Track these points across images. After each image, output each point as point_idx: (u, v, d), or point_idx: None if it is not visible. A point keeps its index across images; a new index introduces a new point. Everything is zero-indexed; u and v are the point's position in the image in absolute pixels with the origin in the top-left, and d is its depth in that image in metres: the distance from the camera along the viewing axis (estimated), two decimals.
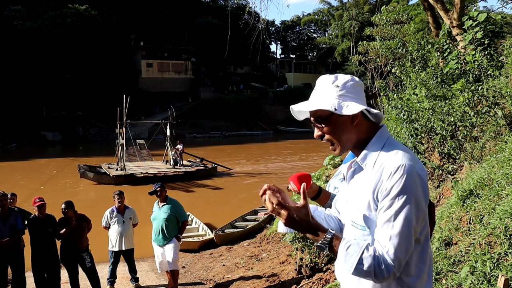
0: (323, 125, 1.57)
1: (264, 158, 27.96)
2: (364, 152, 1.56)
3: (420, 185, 1.44)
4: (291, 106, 1.67)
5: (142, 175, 18.73)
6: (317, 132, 1.60)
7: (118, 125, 20.29)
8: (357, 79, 1.60)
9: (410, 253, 1.44)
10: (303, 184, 1.51)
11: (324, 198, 1.96)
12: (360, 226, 1.52)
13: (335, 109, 1.51)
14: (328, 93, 1.56)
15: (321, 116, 1.56)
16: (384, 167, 1.46)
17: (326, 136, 1.58)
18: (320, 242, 1.46)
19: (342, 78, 1.58)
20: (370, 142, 1.57)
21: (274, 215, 1.50)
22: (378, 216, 1.46)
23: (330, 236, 1.45)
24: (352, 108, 1.52)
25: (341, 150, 1.60)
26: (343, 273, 1.61)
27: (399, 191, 1.41)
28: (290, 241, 5.88)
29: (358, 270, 1.39)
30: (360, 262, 1.39)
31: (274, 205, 1.47)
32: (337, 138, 1.57)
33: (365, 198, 1.50)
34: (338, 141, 1.57)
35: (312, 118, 1.61)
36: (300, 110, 1.67)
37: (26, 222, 6.17)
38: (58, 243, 6.16)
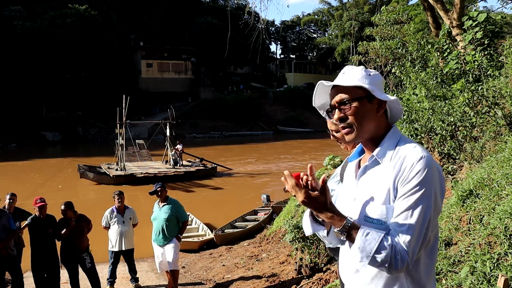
0: (350, 107, 1.56)
1: (266, 158, 27.96)
2: (380, 146, 1.58)
3: (438, 179, 1.45)
4: (322, 81, 1.66)
5: (143, 175, 18.73)
6: (338, 115, 1.59)
7: (118, 125, 20.29)
8: None
9: (421, 247, 1.44)
10: (324, 175, 1.51)
11: None
12: (375, 220, 1.50)
13: (372, 90, 1.54)
14: (362, 77, 1.58)
15: (350, 98, 1.56)
16: (405, 158, 1.48)
17: (350, 119, 1.57)
18: (338, 229, 1.47)
19: (372, 70, 1.63)
20: (385, 137, 1.58)
21: (293, 193, 1.50)
22: (396, 204, 1.46)
23: (349, 224, 1.45)
24: (384, 95, 1.57)
25: (356, 137, 1.58)
26: (351, 272, 1.60)
27: (421, 181, 1.42)
28: (290, 241, 5.87)
29: (375, 259, 1.39)
30: (378, 250, 1.39)
31: (292, 186, 1.48)
32: (359, 123, 1.57)
33: (383, 191, 1.50)
34: (359, 126, 1.57)
35: (336, 100, 1.59)
36: (322, 92, 1.68)
37: (26, 222, 6.16)
38: (58, 243, 6.15)
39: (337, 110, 1.59)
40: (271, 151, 32.12)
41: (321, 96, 1.71)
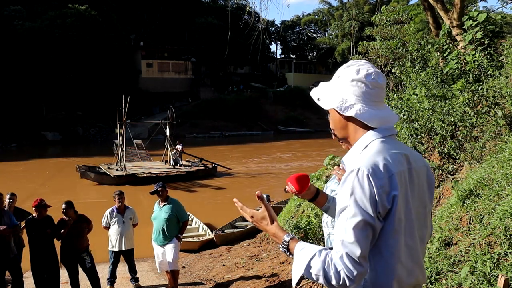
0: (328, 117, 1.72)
1: (266, 158, 27.95)
2: (349, 152, 1.55)
3: (369, 194, 1.35)
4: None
5: (144, 175, 18.72)
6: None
7: (118, 125, 20.27)
8: None
9: (363, 259, 1.33)
10: (258, 191, 1.61)
11: (321, 200, 1.97)
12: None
13: (318, 99, 1.67)
14: (316, 89, 1.70)
15: (326, 111, 1.71)
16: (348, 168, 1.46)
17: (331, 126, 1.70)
18: (280, 245, 1.50)
19: (344, 71, 1.65)
20: (355, 143, 1.53)
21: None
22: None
23: (287, 240, 1.48)
24: (331, 102, 1.60)
25: (340, 141, 1.67)
26: None
27: (347, 197, 1.37)
28: None
29: (309, 274, 1.37)
30: (310, 265, 1.36)
31: (241, 208, 1.64)
32: (334, 130, 1.66)
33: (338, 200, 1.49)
34: (336, 132, 1.67)
35: None
36: None
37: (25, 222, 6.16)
38: (58, 243, 6.16)
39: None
40: (272, 151, 32.10)
41: None
